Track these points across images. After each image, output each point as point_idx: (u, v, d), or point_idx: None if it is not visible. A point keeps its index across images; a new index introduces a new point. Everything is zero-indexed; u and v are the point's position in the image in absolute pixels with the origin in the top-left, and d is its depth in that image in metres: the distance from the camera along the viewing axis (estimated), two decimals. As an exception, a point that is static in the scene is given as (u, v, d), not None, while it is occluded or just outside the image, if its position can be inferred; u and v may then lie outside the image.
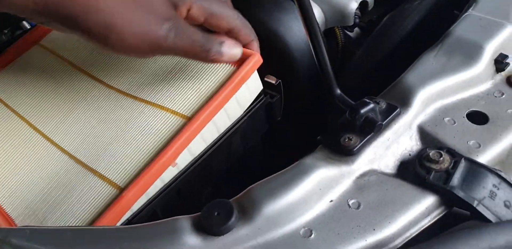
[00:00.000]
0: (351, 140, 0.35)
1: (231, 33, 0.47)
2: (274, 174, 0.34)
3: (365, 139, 0.35)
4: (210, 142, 0.46)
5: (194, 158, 0.44)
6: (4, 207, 0.45)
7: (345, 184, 0.33)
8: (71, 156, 0.46)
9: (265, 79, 0.50)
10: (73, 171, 0.44)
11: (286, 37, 0.57)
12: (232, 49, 0.44)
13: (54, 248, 0.29)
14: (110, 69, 0.54)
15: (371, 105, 0.35)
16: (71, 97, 0.53)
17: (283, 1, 0.59)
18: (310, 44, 0.37)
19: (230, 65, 0.48)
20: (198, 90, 0.47)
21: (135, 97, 0.49)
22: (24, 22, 0.72)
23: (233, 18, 0.46)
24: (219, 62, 0.47)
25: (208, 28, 0.45)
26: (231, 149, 0.49)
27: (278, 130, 0.57)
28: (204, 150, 0.45)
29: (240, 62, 0.48)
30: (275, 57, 0.54)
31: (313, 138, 0.39)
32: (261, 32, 0.57)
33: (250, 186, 0.33)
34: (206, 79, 0.48)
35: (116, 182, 0.40)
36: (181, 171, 0.43)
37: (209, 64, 0.49)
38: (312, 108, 0.62)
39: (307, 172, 0.33)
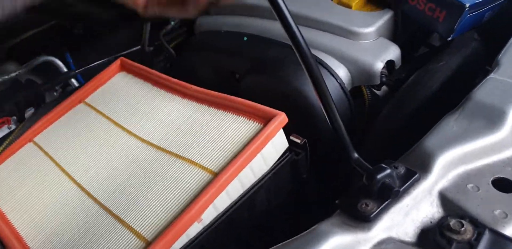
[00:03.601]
0: (367, 205, 0.35)
1: None
2: (290, 239, 0.34)
3: (382, 205, 0.35)
4: (234, 198, 0.47)
5: (219, 214, 0.46)
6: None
7: (361, 252, 0.33)
8: (102, 205, 0.49)
9: (291, 138, 0.52)
10: (102, 220, 0.47)
11: (311, 96, 0.59)
12: None
13: None
14: (145, 124, 0.58)
15: (388, 171, 0.36)
16: (107, 150, 0.56)
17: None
18: (323, 109, 0.39)
19: (257, 123, 0.51)
20: (225, 146, 0.49)
21: (167, 151, 0.52)
22: (73, 80, 0.79)
23: None
24: None
25: None
26: (255, 205, 0.50)
27: (303, 188, 0.58)
28: (228, 206, 0.47)
29: (266, 120, 0.50)
30: (299, 116, 0.56)
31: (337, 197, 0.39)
32: (286, 92, 0.60)
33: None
34: (234, 136, 0.50)
35: (143, 235, 0.42)
36: (205, 226, 0.44)
37: (238, 122, 0.51)
38: (337, 167, 0.63)
39: (322, 238, 0.33)
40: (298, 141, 0.52)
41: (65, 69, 0.78)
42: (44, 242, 0.48)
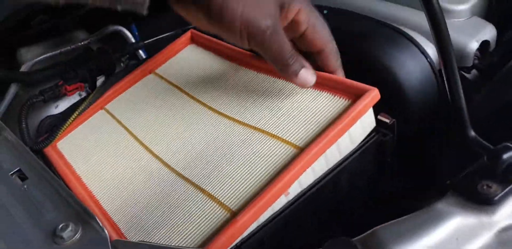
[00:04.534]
0: (490, 187, 0.32)
1: (320, 55, 0.48)
2: (402, 217, 0.31)
3: (508, 188, 0.31)
4: (319, 176, 0.45)
5: (302, 190, 0.43)
6: (112, 216, 0.47)
7: (486, 237, 0.30)
8: (179, 174, 0.47)
9: (379, 117, 0.48)
10: (181, 189, 0.45)
11: (399, 74, 0.55)
12: (308, 76, 0.46)
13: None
14: (219, 97, 0.56)
15: (516, 151, 0.32)
16: (182, 120, 0.55)
17: (397, 36, 0.58)
18: (445, 79, 0.35)
19: (344, 99, 0.47)
20: (310, 121, 0.46)
21: (246, 124, 0.50)
22: (140, 52, 0.78)
23: (329, 40, 0.47)
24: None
25: (300, 41, 0.47)
26: (338, 186, 0.47)
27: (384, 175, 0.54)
28: (312, 183, 0.44)
29: (355, 96, 0.47)
30: (386, 95, 0.52)
31: (418, 184, 0.36)
32: (373, 68, 0.57)
33: (375, 228, 0.31)
34: (320, 112, 0.47)
35: (228, 205, 0.40)
36: (290, 201, 0.42)
37: (322, 97, 0.48)
38: (420, 151, 0.59)
39: (443, 217, 0.30)
40: (387, 121, 0.48)
41: (133, 40, 0.77)
42: (120, 206, 0.47)
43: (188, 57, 0.67)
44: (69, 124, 0.60)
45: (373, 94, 0.45)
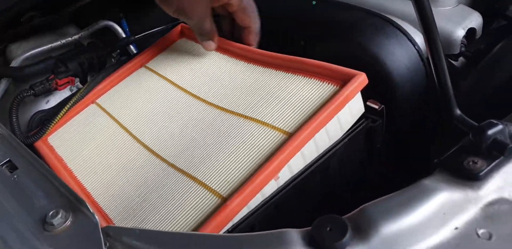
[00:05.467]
0: (476, 163, 0.32)
1: (245, 30, 0.60)
2: (390, 194, 0.31)
3: (494, 163, 0.32)
4: (308, 161, 0.45)
5: (293, 176, 0.43)
6: (104, 208, 0.47)
7: (472, 211, 0.30)
8: (169, 163, 0.47)
9: (368, 103, 0.49)
10: (172, 177, 0.45)
11: (387, 61, 0.56)
12: (209, 46, 0.60)
13: (161, 249, 0.29)
14: (208, 87, 0.56)
15: (500, 127, 0.32)
16: (171, 111, 0.55)
17: (385, 26, 0.58)
18: (430, 58, 0.36)
19: (332, 85, 0.48)
20: (299, 107, 0.47)
21: (234, 113, 0.50)
22: (131, 47, 0.78)
23: (254, 21, 0.60)
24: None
25: (234, 17, 0.59)
26: (328, 171, 0.47)
27: (373, 161, 0.55)
28: (302, 168, 0.44)
29: (343, 82, 0.47)
30: (375, 82, 0.52)
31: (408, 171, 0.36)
32: (361, 56, 0.57)
33: (364, 205, 0.31)
34: (307, 97, 0.47)
35: (218, 191, 0.40)
36: (280, 186, 0.42)
37: (310, 84, 0.49)
38: (409, 136, 0.59)
39: (429, 193, 0.30)
40: (376, 107, 0.49)
41: (124, 35, 0.77)
42: (111, 198, 0.47)
43: (178, 51, 0.68)
44: (60, 118, 0.59)
45: (361, 79, 0.46)
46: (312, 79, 0.49)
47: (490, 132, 0.32)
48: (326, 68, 0.49)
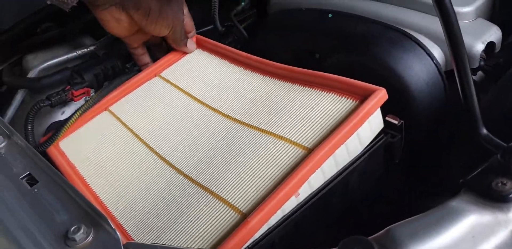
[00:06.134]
0: (505, 184, 0.31)
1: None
2: (416, 216, 0.31)
3: (523, 185, 0.31)
4: (328, 177, 0.44)
5: (313, 192, 0.43)
6: (120, 221, 0.46)
7: (502, 235, 0.29)
8: (185, 176, 0.47)
9: (387, 118, 0.48)
10: (188, 190, 0.45)
11: (406, 76, 0.55)
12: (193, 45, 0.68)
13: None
14: (224, 99, 0.56)
15: (529, 148, 0.32)
16: (186, 122, 0.55)
17: (403, 39, 0.58)
18: (456, 74, 0.35)
19: (351, 100, 0.47)
20: (318, 122, 0.46)
21: (253, 127, 0.50)
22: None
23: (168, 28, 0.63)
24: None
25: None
26: (348, 188, 0.47)
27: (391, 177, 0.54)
28: (322, 185, 0.44)
29: (362, 97, 0.47)
30: (393, 97, 0.52)
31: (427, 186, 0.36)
32: (378, 71, 0.57)
33: (389, 226, 0.31)
34: (326, 112, 0.47)
35: (238, 207, 0.40)
36: (300, 203, 0.42)
37: (328, 98, 0.48)
38: (426, 151, 0.59)
39: (458, 215, 0.30)
40: (396, 122, 0.48)
41: (139, 46, 0.77)
42: (126, 209, 0.46)
43: (193, 61, 0.68)
44: (72, 124, 0.59)
45: (381, 95, 0.46)
46: (330, 93, 0.49)
47: (519, 152, 0.32)
48: (344, 82, 0.48)
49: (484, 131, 0.35)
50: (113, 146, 0.55)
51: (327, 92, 0.50)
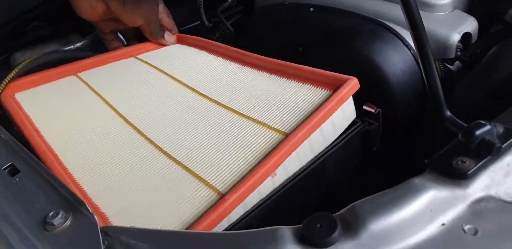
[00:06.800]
0: (464, 162, 0.32)
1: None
2: (379, 192, 0.32)
3: (481, 162, 0.32)
4: (304, 163, 0.45)
5: (289, 177, 0.44)
6: (99, 205, 0.45)
7: (459, 208, 0.30)
8: (165, 153, 0.46)
9: (364, 107, 0.50)
10: (170, 170, 0.44)
11: (384, 66, 0.57)
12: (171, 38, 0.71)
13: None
14: (202, 80, 0.57)
15: (488, 127, 0.33)
16: (164, 99, 0.55)
17: (381, 31, 0.59)
18: (420, 62, 0.37)
19: (325, 90, 0.49)
20: (294, 110, 0.48)
21: (231, 109, 0.50)
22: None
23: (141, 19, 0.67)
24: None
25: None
26: (323, 175, 0.48)
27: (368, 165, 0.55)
28: (300, 170, 0.45)
29: (336, 86, 0.48)
30: (371, 86, 0.53)
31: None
32: (358, 61, 0.58)
33: (353, 203, 0.32)
34: (302, 101, 0.49)
35: (216, 186, 0.41)
36: (277, 187, 0.42)
37: (304, 88, 0.50)
38: (404, 139, 0.60)
39: (417, 191, 0.31)
40: (372, 110, 0.49)
41: (125, 43, 0.78)
42: (102, 188, 0.44)
43: (171, 50, 0.69)
44: (15, 74, 0.58)
45: (353, 83, 0.47)
46: (306, 84, 0.51)
47: (478, 132, 0.33)
48: (318, 74, 0.50)
49: (448, 113, 0.37)
50: (79, 106, 0.54)
51: (303, 83, 0.51)
